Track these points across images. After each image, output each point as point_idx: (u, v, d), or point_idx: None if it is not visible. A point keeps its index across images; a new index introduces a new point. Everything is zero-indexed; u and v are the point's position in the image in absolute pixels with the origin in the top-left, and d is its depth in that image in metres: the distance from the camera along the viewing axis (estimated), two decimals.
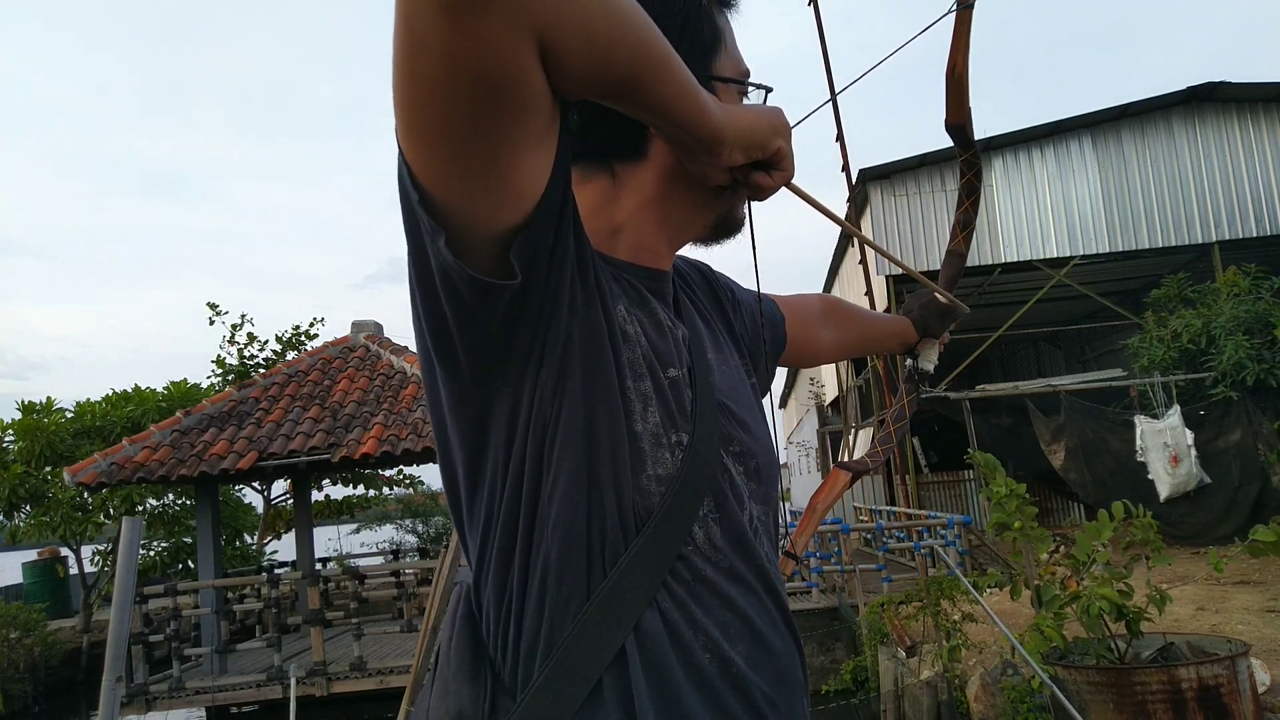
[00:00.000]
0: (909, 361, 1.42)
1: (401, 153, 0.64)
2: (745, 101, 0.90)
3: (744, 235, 0.94)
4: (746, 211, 0.92)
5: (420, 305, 0.69)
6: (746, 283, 1.08)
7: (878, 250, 1.14)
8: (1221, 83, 13.79)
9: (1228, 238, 13.99)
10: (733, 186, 0.83)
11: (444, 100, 0.58)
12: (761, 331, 1.07)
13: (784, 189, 0.84)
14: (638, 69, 0.64)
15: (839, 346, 1.30)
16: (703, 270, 1.04)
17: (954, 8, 1.17)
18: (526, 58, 0.58)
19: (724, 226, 0.91)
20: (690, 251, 0.95)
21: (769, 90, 0.90)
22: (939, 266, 1.50)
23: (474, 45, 0.55)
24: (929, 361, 1.40)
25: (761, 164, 0.80)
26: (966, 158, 1.40)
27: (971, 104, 1.30)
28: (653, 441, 0.75)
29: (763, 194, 0.83)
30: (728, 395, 0.86)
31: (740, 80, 0.89)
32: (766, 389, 1.03)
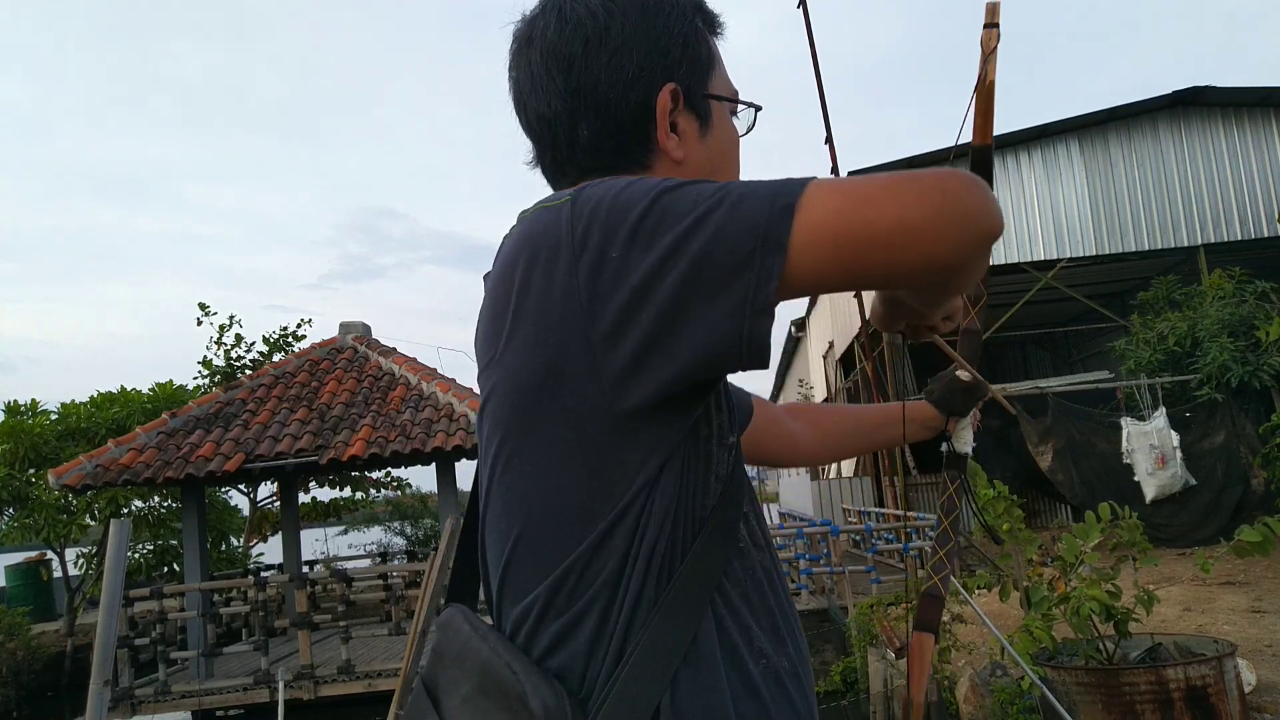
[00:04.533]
0: (945, 448, 1.33)
1: (785, 243, 0.65)
2: (735, 118, 0.94)
3: None
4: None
5: (643, 338, 0.68)
6: None
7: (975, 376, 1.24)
8: (1206, 87, 13.90)
9: (1213, 241, 14.10)
10: (902, 332, 0.98)
11: (892, 274, 0.67)
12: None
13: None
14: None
15: (818, 441, 1.26)
16: None
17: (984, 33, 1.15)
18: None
19: None
20: None
21: (759, 109, 0.94)
22: None
23: (963, 261, 0.66)
24: (964, 444, 1.31)
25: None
26: None
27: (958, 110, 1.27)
28: (718, 443, 0.77)
29: (928, 336, 1.01)
30: None
31: (733, 99, 0.92)
32: None
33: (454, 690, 0.74)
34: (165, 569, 15.29)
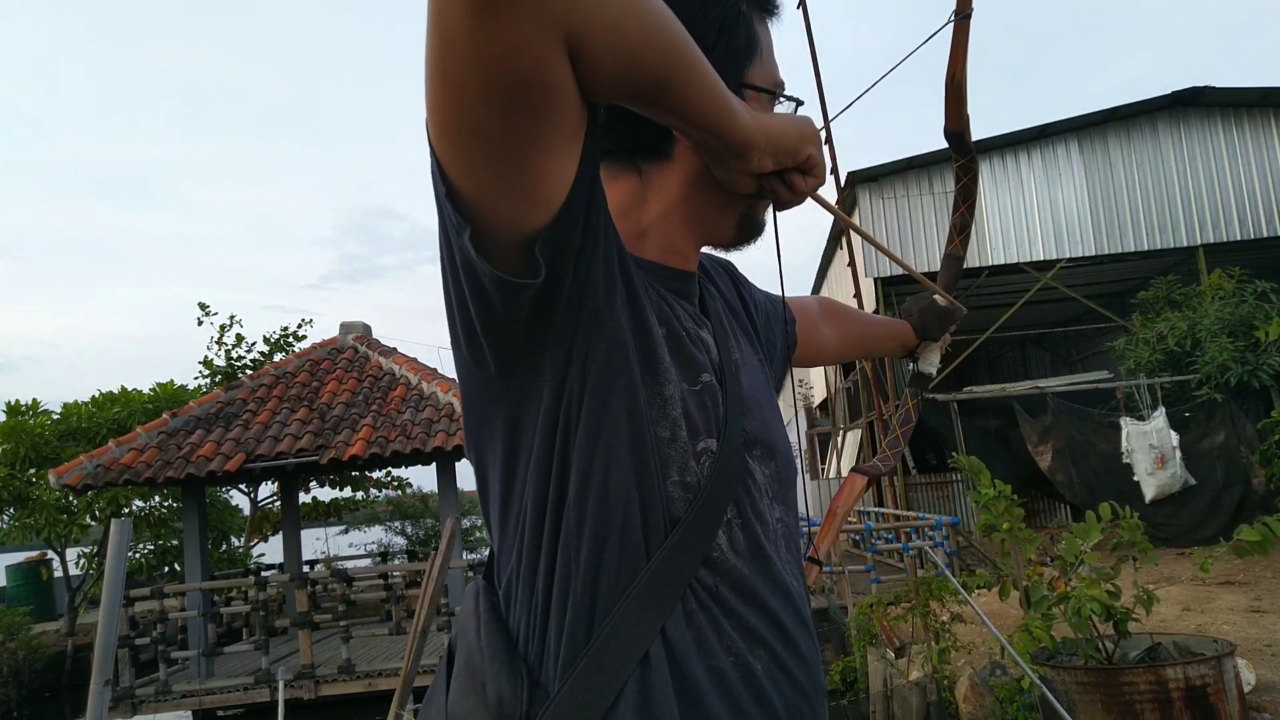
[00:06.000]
0: (911, 366, 1.43)
1: (432, 148, 0.63)
2: (776, 108, 0.90)
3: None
4: (770, 215, 0.92)
5: (449, 295, 0.70)
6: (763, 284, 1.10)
7: (891, 257, 1.15)
8: (1205, 87, 13.91)
9: (1212, 241, 14.12)
10: (759, 195, 0.82)
11: (473, 100, 0.58)
12: (777, 333, 1.08)
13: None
14: (668, 72, 0.64)
15: (840, 346, 1.31)
16: (728, 268, 1.05)
17: (952, 18, 1.18)
18: (555, 58, 0.57)
19: (747, 230, 0.92)
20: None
21: (800, 103, 0.91)
22: (929, 269, 1.52)
23: (503, 45, 0.55)
24: (930, 365, 1.40)
25: (791, 170, 0.80)
26: (963, 163, 1.39)
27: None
28: (680, 448, 0.75)
29: (792, 200, 0.81)
30: (752, 397, 0.86)
31: (772, 90, 0.89)
32: (779, 390, 1.04)
33: (459, 657, 0.78)
34: (166, 569, 15.30)
